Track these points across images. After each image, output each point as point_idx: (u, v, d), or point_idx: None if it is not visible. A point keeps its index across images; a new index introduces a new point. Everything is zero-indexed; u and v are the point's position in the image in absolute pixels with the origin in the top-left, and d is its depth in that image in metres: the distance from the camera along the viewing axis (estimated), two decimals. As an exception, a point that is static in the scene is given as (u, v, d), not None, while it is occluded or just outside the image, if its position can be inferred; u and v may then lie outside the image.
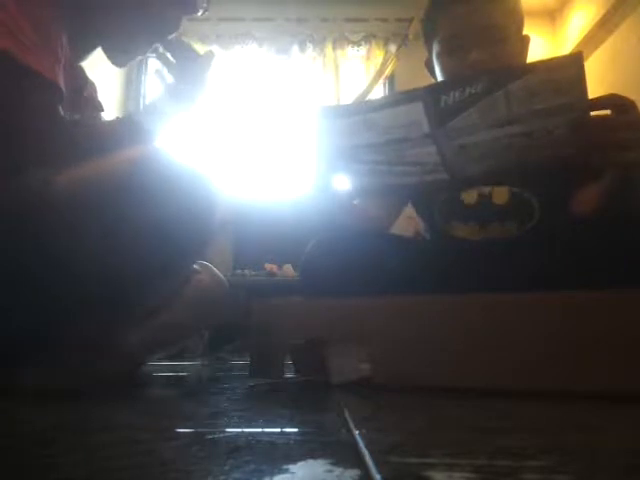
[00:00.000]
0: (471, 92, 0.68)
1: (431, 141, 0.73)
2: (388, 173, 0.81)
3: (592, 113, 0.69)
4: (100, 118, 0.97)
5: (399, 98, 0.73)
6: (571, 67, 0.64)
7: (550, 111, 0.67)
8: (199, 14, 0.91)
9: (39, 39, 0.68)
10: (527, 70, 0.67)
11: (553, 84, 0.65)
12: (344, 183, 0.87)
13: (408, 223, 1.48)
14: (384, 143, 0.76)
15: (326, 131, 0.79)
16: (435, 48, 0.98)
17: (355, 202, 1.04)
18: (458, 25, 0.93)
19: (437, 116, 0.70)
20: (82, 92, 0.92)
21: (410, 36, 2.96)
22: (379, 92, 3.07)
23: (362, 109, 0.76)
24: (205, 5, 0.90)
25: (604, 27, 2.44)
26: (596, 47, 2.54)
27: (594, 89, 0.65)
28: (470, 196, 1.00)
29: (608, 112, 0.70)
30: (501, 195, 0.98)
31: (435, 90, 0.70)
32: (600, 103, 0.69)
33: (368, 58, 3.05)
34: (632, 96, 0.70)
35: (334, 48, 3.04)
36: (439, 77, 0.99)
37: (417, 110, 0.70)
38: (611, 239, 0.76)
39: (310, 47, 3.04)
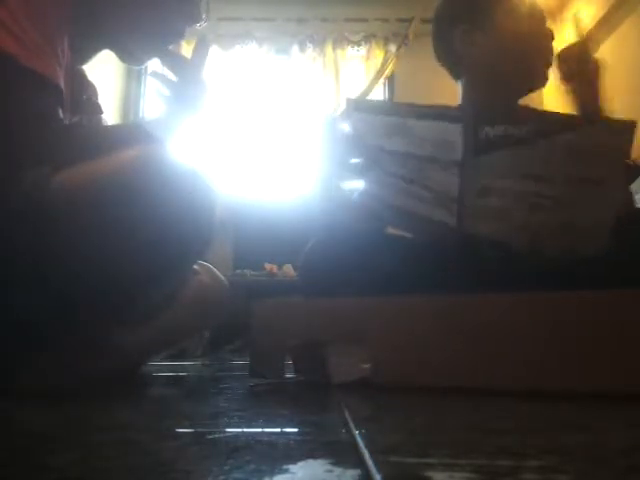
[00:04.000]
0: (515, 133, 0.66)
1: (457, 171, 0.70)
2: (402, 191, 0.78)
3: None
4: (100, 121, 0.97)
5: (443, 112, 0.71)
6: (621, 136, 0.63)
7: (583, 181, 0.65)
8: (198, 26, 0.92)
9: (40, 40, 0.68)
10: (577, 126, 0.65)
11: (597, 147, 0.63)
12: (352, 185, 0.86)
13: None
14: (415, 156, 0.73)
15: (356, 124, 0.76)
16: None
17: (356, 198, 1.04)
18: None
19: (473, 146, 0.68)
20: (82, 94, 0.92)
21: (410, 36, 2.96)
22: (379, 92, 3.07)
23: (401, 111, 0.74)
24: (204, 17, 0.91)
25: (604, 27, 2.43)
26: (596, 47, 2.54)
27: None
28: None
29: None
30: None
31: (482, 118, 0.68)
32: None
33: (368, 58, 3.05)
34: (632, 96, 0.70)
35: (334, 48, 3.04)
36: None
37: (455, 131, 0.68)
38: (612, 238, 0.76)
39: (310, 47, 3.04)
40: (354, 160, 0.81)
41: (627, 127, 0.62)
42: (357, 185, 0.86)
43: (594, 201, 0.66)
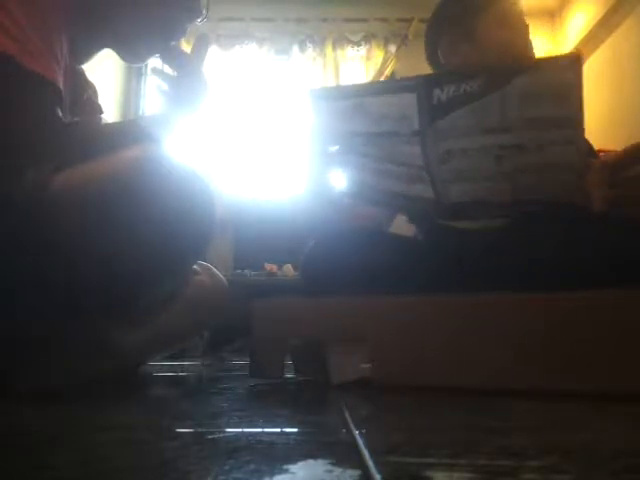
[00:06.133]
0: (466, 89, 0.65)
1: (418, 140, 0.69)
2: (378, 171, 0.78)
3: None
4: (100, 120, 0.97)
5: (394, 85, 0.71)
6: (568, 69, 0.62)
7: (543, 122, 0.65)
8: (199, 21, 0.92)
9: (39, 40, 0.68)
10: (525, 69, 0.64)
11: (549, 86, 0.63)
12: (338, 179, 0.86)
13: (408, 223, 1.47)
14: (377, 134, 0.73)
15: (320, 113, 0.76)
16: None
17: (348, 199, 1.04)
18: None
19: (428, 112, 0.67)
20: (82, 94, 0.92)
21: (410, 36, 2.96)
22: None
23: (357, 92, 0.73)
24: (205, 12, 0.91)
25: (604, 27, 2.43)
26: (596, 47, 2.54)
27: (594, 89, 0.64)
28: None
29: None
30: None
31: (430, 82, 0.67)
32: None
33: (368, 58, 3.05)
34: (632, 96, 0.69)
35: (334, 48, 3.04)
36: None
37: (410, 102, 0.67)
38: (611, 235, 0.76)
39: (310, 47, 3.04)
40: (331, 149, 0.81)
41: (573, 59, 0.62)
42: (340, 175, 0.86)
43: (559, 142, 0.66)
